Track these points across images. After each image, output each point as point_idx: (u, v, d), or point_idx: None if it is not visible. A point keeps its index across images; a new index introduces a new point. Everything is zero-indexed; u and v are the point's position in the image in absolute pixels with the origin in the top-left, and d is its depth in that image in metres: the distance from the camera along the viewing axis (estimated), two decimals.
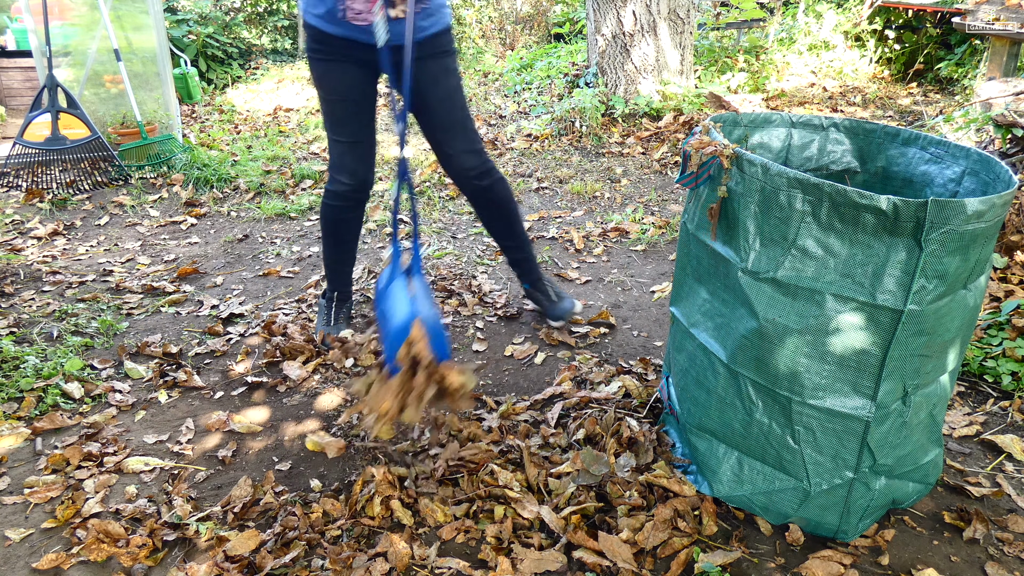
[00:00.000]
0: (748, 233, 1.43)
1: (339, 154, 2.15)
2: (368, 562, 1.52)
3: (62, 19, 4.40)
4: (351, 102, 2.09)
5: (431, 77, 2.07)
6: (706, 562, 1.50)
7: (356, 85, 2.07)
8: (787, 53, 6.49)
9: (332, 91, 2.07)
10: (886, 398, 1.42)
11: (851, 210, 1.29)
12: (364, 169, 2.18)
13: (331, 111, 2.11)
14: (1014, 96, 3.40)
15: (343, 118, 2.10)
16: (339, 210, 2.25)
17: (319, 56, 2.04)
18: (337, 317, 2.47)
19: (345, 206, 2.24)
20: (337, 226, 2.30)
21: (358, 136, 2.14)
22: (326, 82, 2.07)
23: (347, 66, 2.03)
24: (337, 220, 2.28)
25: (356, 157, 2.16)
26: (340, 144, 2.14)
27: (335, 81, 2.06)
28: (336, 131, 2.13)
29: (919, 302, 1.32)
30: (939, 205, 1.23)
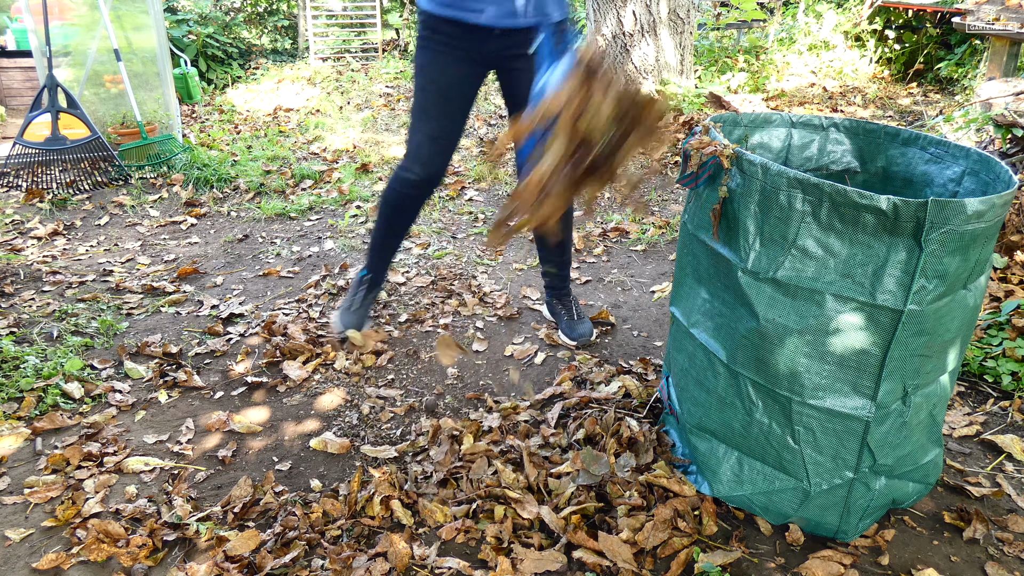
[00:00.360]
0: (748, 233, 1.43)
1: (418, 144, 2.11)
2: (368, 562, 1.52)
3: (62, 19, 4.40)
4: (446, 98, 2.06)
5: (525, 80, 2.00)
6: (706, 562, 1.50)
7: (457, 82, 2.04)
8: (787, 53, 6.49)
9: (430, 82, 2.04)
10: (886, 398, 1.42)
11: (851, 210, 1.29)
12: (439, 164, 2.14)
13: (423, 101, 2.07)
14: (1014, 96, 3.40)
15: (433, 111, 2.07)
16: (403, 197, 2.21)
17: (427, 45, 2.01)
18: (363, 302, 2.44)
19: (410, 195, 2.20)
20: (396, 212, 2.26)
21: (442, 132, 2.10)
22: (428, 72, 2.03)
23: (453, 61, 2.01)
24: (398, 207, 2.24)
25: (434, 151, 2.12)
26: (422, 134, 2.10)
27: (436, 73, 2.02)
28: (421, 121, 2.09)
29: (919, 302, 1.32)
30: (939, 205, 1.23)
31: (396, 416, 2.07)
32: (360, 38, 8.26)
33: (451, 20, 1.94)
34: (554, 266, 2.43)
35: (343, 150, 4.78)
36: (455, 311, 2.68)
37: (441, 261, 3.12)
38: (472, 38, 1.97)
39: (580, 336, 2.41)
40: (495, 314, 2.64)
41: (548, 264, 2.45)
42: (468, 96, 2.09)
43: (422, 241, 3.33)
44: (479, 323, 2.59)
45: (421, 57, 2.04)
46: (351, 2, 8.28)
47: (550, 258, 2.42)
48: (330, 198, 3.89)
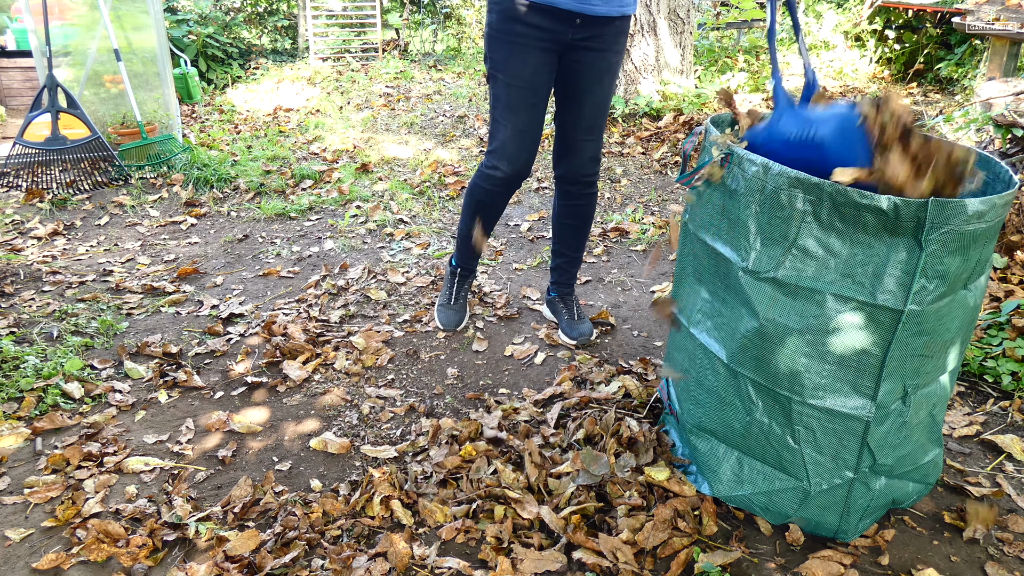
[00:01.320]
0: (749, 232, 1.43)
1: (503, 139, 2.10)
2: (368, 562, 1.52)
3: (62, 19, 4.40)
4: (530, 90, 2.04)
5: (600, 70, 2.06)
6: (706, 562, 1.50)
7: (540, 72, 2.03)
8: (787, 53, 6.49)
9: (514, 76, 2.01)
10: (886, 398, 1.42)
11: (852, 210, 1.29)
12: (525, 158, 2.13)
13: (507, 96, 2.04)
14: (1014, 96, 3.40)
15: (518, 105, 2.05)
16: (489, 194, 2.21)
17: (506, 37, 1.98)
18: (459, 295, 2.52)
19: (496, 191, 2.19)
20: (482, 208, 2.27)
21: (528, 125, 2.08)
22: (510, 66, 2.01)
23: (534, 51, 1.99)
24: (483, 203, 2.25)
25: (520, 145, 2.10)
26: (506, 129, 2.08)
27: (518, 66, 2.00)
28: (506, 116, 2.07)
29: (919, 302, 1.32)
30: (939, 205, 1.23)
31: (396, 416, 2.07)
32: (360, 38, 8.26)
33: (535, 6, 1.92)
34: (566, 261, 2.44)
35: (343, 150, 4.78)
36: None
37: (441, 261, 3.12)
38: (553, 26, 1.96)
39: (580, 335, 2.41)
40: (495, 314, 2.65)
41: (560, 257, 2.45)
42: (549, 85, 2.08)
43: (422, 241, 3.33)
44: (479, 323, 2.59)
45: (500, 51, 2.01)
46: (351, 2, 8.28)
47: (565, 251, 2.42)
48: (330, 198, 3.89)
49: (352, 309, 2.70)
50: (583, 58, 2.04)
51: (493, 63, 2.05)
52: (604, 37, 2.02)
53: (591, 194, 2.29)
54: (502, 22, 1.98)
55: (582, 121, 2.13)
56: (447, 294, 2.54)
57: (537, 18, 1.94)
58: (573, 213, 2.33)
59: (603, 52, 2.04)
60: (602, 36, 2.02)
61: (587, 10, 1.93)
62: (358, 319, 2.63)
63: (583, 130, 2.15)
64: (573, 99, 2.10)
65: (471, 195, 2.27)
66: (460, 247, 2.45)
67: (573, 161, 2.20)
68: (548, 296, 2.57)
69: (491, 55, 2.05)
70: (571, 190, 2.27)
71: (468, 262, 2.49)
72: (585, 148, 2.17)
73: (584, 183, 2.25)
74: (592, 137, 2.17)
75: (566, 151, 2.19)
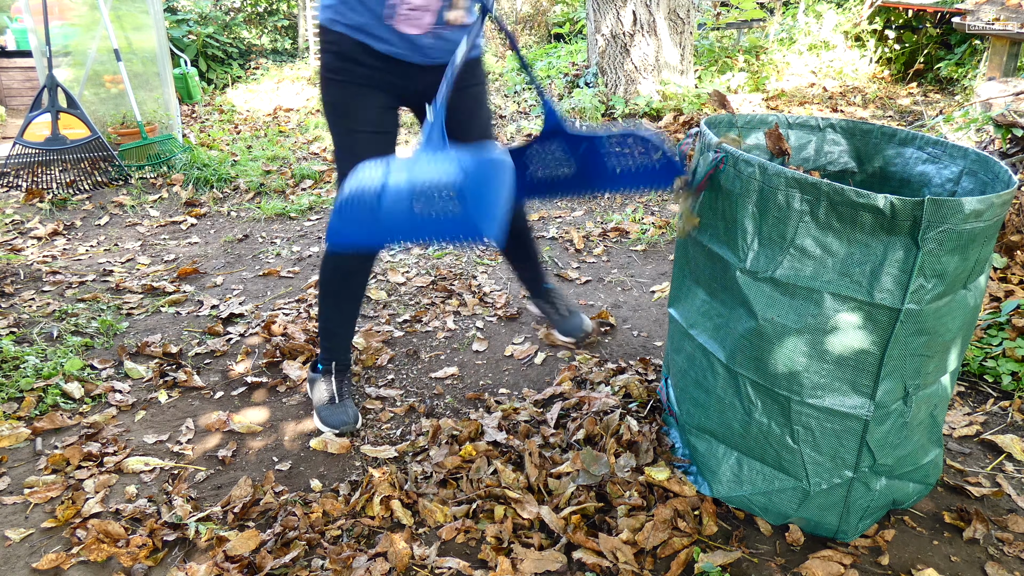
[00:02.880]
0: (746, 233, 1.43)
1: None
2: (368, 562, 1.52)
3: (62, 19, 4.40)
4: (379, 135, 1.82)
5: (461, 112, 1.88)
6: (706, 562, 1.50)
7: (385, 114, 1.81)
8: (787, 53, 6.49)
9: (357, 121, 1.78)
10: (886, 397, 1.42)
11: (849, 209, 1.29)
12: None
13: (352, 145, 1.80)
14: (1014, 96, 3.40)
15: (367, 154, 1.75)
16: (352, 259, 1.91)
17: (344, 78, 1.75)
18: (342, 393, 2.05)
19: (362, 255, 1.94)
20: (350, 279, 1.94)
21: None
22: (351, 111, 1.78)
23: (376, 92, 1.77)
24: (350, 272, 1.93)
25: None
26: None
27: (361, 110, 1.77)
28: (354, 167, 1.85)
29: (917, 301, 1.32)
30: (936, 204, 1.23)
31: (396, 416, 2.07)
32: None
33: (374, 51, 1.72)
34: (527, 267, 2.33)
35: None
36: (455, 311, 2.68)
37: (441, 261, 3.12)
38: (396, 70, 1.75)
39: (574, 329, 2.34)
40: (495, 314, 2.65)
41: (519, 269, 2.35)
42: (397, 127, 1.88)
43: None
44: (479, 323, 2.59)
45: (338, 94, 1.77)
46: None
47: (520, 264, 2.33)
48: (330, 198, 3.89)
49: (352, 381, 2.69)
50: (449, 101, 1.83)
51: (334, 109, 1.79)
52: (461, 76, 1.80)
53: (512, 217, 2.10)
54: (340, 63, 1.74)
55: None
56: (328, 394, 2.04)
57: (379, 61, 1.72)
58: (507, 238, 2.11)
59: (460, 91, 1.84)
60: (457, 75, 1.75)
61: (427, 61, 1.75)
62: (358, 319, 2.63)
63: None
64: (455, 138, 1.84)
65: (329, 271, 1.93)
66: (326, 338, 2.04)
67: None
68: (532, 300, 2.47)
69: (330, 100, 1.79)
70: None
71: (340, 354, 2.06)
72: None
73: None
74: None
75: None
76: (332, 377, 2.05)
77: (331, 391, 2.04)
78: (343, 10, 1.69)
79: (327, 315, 2.01)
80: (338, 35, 1.71)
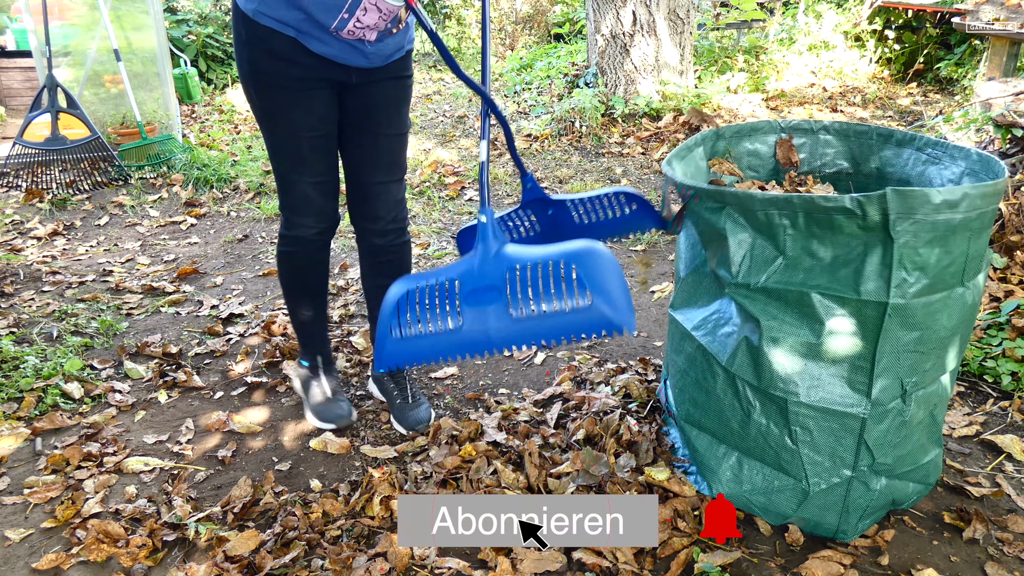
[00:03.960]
0: (736, 252, 1.45)
1: (302, 196, 1.77)
2: (368, 562, 1.52)
3: (62, 19, 4.40)
4: (322, 137, 1.72)
5: (389, 101, 1.76)
6: (706, 562, 1.50)
7: (327, 114, 1.70)
8: (787, 53, 6.49)
9: (300, 126, 1.68)
10: (882, 396, 1.42)
11: (824, 215, 1.31)
12: (333, 206, 1.84)
13: (295, 149, 1.71)
14: (1014, 96, 3.40)
15: (311, 157, 1.73)
16: (305, 257, 1.88)
17: (279, 81, 1.62)
18: (334, 388, 2.04)
19: (314, 250, 1.88)
20: (307, 275, 1.92)
21: (327, 175, 1.78)
22: (293, 117, 1.66)
23: (315, 93, 1.65)
24: (305, 268, 1.91)
25: (324, 195, 1.79)
26: (303, 184, 1.75)
27: (304, 114, 1.67)
28: (299, 171, 1.74)
29: (903, 295, 1.33)
30: (899, 195, 1.24)
31: None
32: None
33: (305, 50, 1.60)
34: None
35: None
36: None
37: (441, 261, 3.12)
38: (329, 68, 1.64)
39: (417, 423, 1.96)
40: None
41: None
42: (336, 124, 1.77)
43: (422, 241, 3.33)
44: None
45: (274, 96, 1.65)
46: None
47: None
48: None
49: (352, 309, 2.70)
50: (372, 91, 1.73)
51: (267, 112, 1.68)
52: (389, 68, 1.73)
53: (404, 244, 1.93)
54: (273, 62, 1.60)
55: (380, 159, 1.80)
56: (320, 393, 2.02)
57: (314, 60, 1.60)
58: (387, 271, 1.91)
59: (394, 80, 1.75)
60: (380, 71, 1.71)
61: (363, 64, 1.66)
62: (358, 319, 2.63)
63: (383, 170, 1.81)
64: (367, 136, 1.77)
65: (288, 270, 1.91)
66: (303, 337, 2.03)
67: (376, 208, 1.85)
68: (375, 373, 2.13)
69: (261, 103, 1.67)
70: (379, 244, 1.89)
71: (321, 347, 2.05)
72: (389, 191, 1.84)
73: (394, 232, 1.89)
74: (395, 177, 1.84)
75: (364, 199, 1.85)
76: (321, 372, 2.04)
77: (322, 388, 2.03)
78: (272, 2, 1.53)
79: (295, 311, 1.99)
80: (268, 31, 1.56)
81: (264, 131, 1.72)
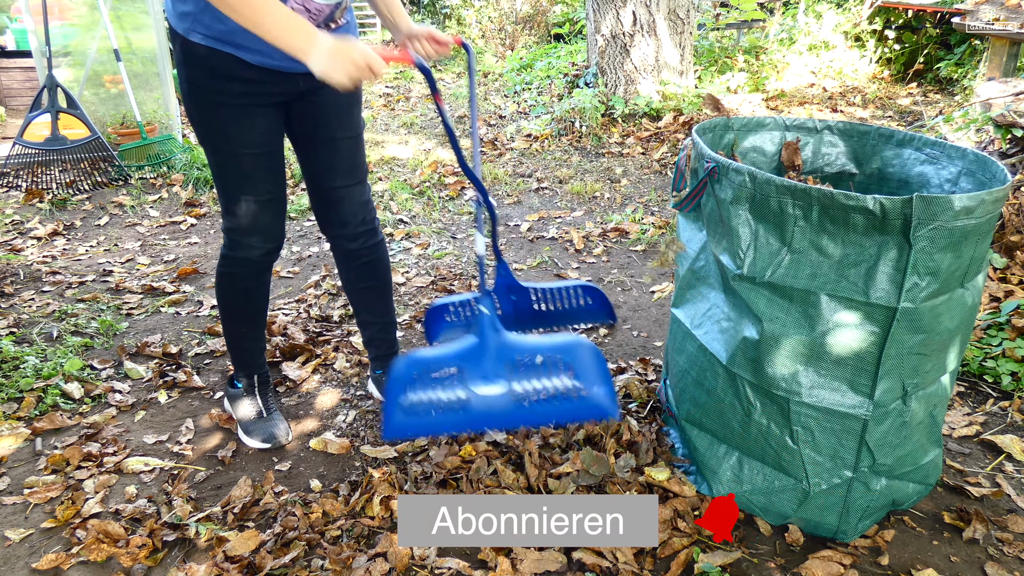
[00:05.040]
0: (741, 240, 1.44)
1: (248, 214, 1.72)
2: (368, 562, 1.52)
3: (62, 19, 4.40)
4: (266, 155, 1.68)
5: (341, 104, 1.74)
6: (706, 562, 1.50)
7: (273, 132, 1.68)
8: (787, 53, 6.49)
9: (243, 144, 1.64)
10: (884, 397, 1.42)
11: (840, 212, 1.30)
12: (279, 225, 1.80)
13: (238, 167, 1.67)
14: (1014, 96, 3.40)
15: (255, 174, 1.69)
16: (249, 278, 1.84)
17: (221, 99, 1.59)
18: (269, 407, 2.00)
19: (256, 270, 1.84)
20: (249, 296, 1.88)
21: (274, 192, 1.74)
22: (234, 133, 1.63)
23: (257, 110, 1.63)
24: (248, 290, 1.87)
25: (272, 214, 1.75)
26: (250, 203, 1.71)
27: (247, 132, 1.63)
28: (245, 189, 1.69)
29: (913, 300, 1.32)
30: (925, 201, 1.24)
31: None
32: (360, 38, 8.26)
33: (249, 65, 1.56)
34: (379, 328, 2.04)
35: None
36: None
37: (441, 261, 3.12)
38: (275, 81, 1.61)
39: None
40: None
41: (371, 328, 2.05)
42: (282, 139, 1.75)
43: (422, 241, 3.33)
44: None
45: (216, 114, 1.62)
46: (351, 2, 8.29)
47: (373, 319, 2.03)
48: None
49: (351, 309, 2.70)
50: (321, 97, 1.70)
51: (208, 131, 1.64)
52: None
53: (377, 244, 1.91)
54: (212, 81, 1.57)
55: (339, 164, 1.78)
56: (254, 409, 1.99)
57: (255, 74, 1.57)
58: (366, 274, 1.93)
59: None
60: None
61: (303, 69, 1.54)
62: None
63: (343, 174, 1.79)
64: (322, 143, 1.75)
65: (228, 291, 1.87)
66: (239, 356, 1.99)
67: (343, 213, 1.83)
68: (373, 374, 2.13)
69: (202, 120, 1.63)
70: (353, 248, 1.88)
71: (259, 367, 2.02)
72: (352, 194, 1.82)
73: (365, 234, 1.87)
74: (356, 179, 1.82)
75: (329, 206, 1.83)
76: (256, 391, 2.00)
77: (257, 405, 1.99)
78: (206, 20, 1.49)
79: (233, 332, 1.95)
80: (206, 49, 1.52)
81: (207, 150, 1.69)
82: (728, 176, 1.43)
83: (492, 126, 5.45)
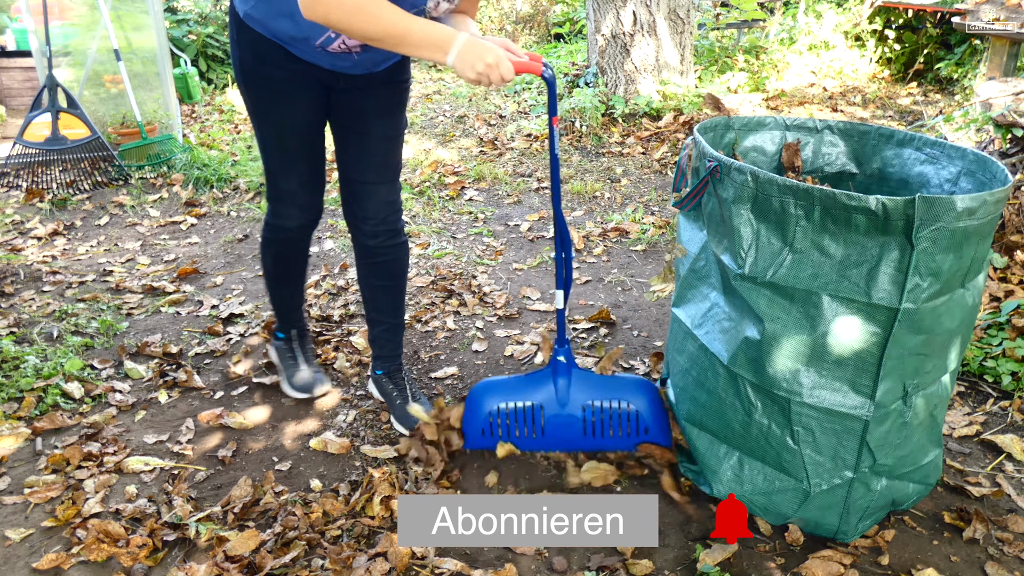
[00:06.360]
0: (743, 239, 1.43)
1: (287, 190, 1.84)
2: (368, 562, 1.52)
3: (62, 19, 4.40)
4: (307, 138, 1.79)
5: (380, 105, 1.79)
6: (706, 562, 1.50)
7: (313, 115, 1.77)
8: (787, 53, 6.49)
9: (285, 125, 1.76)
10: (885, 397, 1.42)
11: (842, 212, 1.30)
12: (318, 200, 1.91)
13: (281, 145, 1.78)
14: (1014, 96, 3.40)
15: (296, 155, 1.80)
16: (290, 244, 1.97)
17: (266, 83, 1.69)
18: (308, 356, 2.19)
19: (297, 239, 1.97)
20: (289, 263, 2.03)
21: (312, 173, 1.85)
22: (278, 114, 1.74)
23: (303, 95, 1.72)
24: (289, 257, 2.01)
25: (311, 190, 1.88)
26: (289, 178, 1.83)
27: (288, 114, 1.74)
28: (288, 166, 1.81)
29: (914, 300, 1.32)
30: (927, 202, 1.24)
31: None
32: None
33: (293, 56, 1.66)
34: (386, 329, 2.05)
35: None
36: (455, 311, 2.68)
37: (441, 261, 3.12)
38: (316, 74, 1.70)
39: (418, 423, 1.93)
40: (495, 314, 2.65)
41: (378, 326, 2.05)
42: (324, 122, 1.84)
43: (422, 241, 3.33)
44: (479, 323, 2.59)
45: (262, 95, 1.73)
46: None
47: (382, 318, 2.04)
48: (330, 198, 3.89)
49: (352, 309, 2.70)
50: (360, 96, 1.77)
51: (255, 109, 1.75)
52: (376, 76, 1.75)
53: (396, 246, 1.93)
54: (259, 65, 1.67)
55: (369, 159, 1.82)
56: (294, 361, 2.17)
57: (300, 65, 1.67)
58: (381, 272, 1.96)
59: (387, 85, 1.78)
60: (372, 76, 1.75)
61: (350, 70, 1.70)
62: (358, 319, 2.63)
63: (374, 170, 1.82)
64: (356, 136, 1.80)
65: (271, 257, 2.01)
66: (280, 314, 2.17)
67: (366, 208, 1.86)
68: (374, 374, 2.11)
69: (251, 98, 1.74)
70: (372, 245, 1.91)
71: (297, 322, 2.19)
72: (378, 192, 1.85)
73: (385, 234, 1.89)
74: (384, 179, 1.85)
75: (354, 198, 1.87)
76: (295, 344, 2.19)
77: (296, 359, 2.17)
78: (265, 11, 1.57)
79: (278, 296, 2.12)
80: (257, 35, 1.62)
81: (254, 126, 1.80)
82: (730, 175, 1.43)
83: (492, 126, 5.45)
